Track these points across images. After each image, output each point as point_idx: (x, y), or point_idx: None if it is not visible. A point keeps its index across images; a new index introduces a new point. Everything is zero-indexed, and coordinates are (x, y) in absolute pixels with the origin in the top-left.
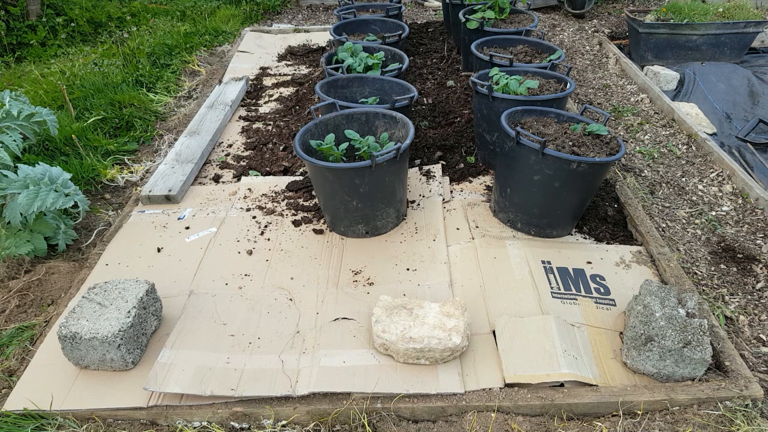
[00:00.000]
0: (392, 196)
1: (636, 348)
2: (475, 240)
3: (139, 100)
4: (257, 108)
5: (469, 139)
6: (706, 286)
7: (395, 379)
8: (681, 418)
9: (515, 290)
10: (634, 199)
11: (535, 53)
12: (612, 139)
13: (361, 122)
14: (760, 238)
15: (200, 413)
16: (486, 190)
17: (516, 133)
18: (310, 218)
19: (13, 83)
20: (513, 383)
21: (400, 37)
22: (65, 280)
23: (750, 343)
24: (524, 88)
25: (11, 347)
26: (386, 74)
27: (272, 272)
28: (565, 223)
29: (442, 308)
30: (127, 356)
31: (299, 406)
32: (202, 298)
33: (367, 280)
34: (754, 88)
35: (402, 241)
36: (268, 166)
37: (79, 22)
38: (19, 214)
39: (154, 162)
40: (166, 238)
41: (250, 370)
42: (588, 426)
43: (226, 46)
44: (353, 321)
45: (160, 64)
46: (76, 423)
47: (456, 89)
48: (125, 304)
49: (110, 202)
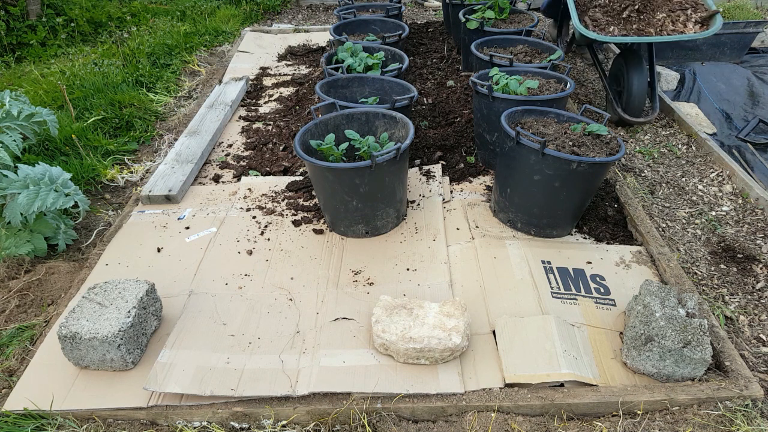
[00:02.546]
0: (392, 196)
1: (636, 348)
2: (475, 240)
3: (139, 100)
4: (257, 108)
5: (469, 139)
6: (706, 286)
7: (395, 379)
8: (681, 418)
9: (515, 290)
10: (634, 199)
11: (535, 53)
12: (612, 139)
13: (361, 122)
14: (760, 238)
15: (200, 413)
16: (486, 190)
17: (516, 133)
18: (310, 218)
19: (13, 83)
20: (513, 383)
21: (400, 37)
22: (65, 280)
23: (750, 343)
24: (524, 88)
25: (11, 347)
26: (386, 74)
27: (272, 272)
28: (565, 223)
29: (442, 308)
30: (127, 356)
31: (299, 406)
32: (202, 298)
33: (367, 280)
34: (754, 88)
35: (402, 241)
36: (268, 166)
37: (79, 22)
38: (19, 214)
39: (154, 162)
40: (166, 238)
41: (250, 370)
42: (588, 426)
43: (226, 46)
44: (353, 321)
45: (160, 64)
46: (76, 423)
47: (456, 89)
48: (125, 304)
49: (110, 202)
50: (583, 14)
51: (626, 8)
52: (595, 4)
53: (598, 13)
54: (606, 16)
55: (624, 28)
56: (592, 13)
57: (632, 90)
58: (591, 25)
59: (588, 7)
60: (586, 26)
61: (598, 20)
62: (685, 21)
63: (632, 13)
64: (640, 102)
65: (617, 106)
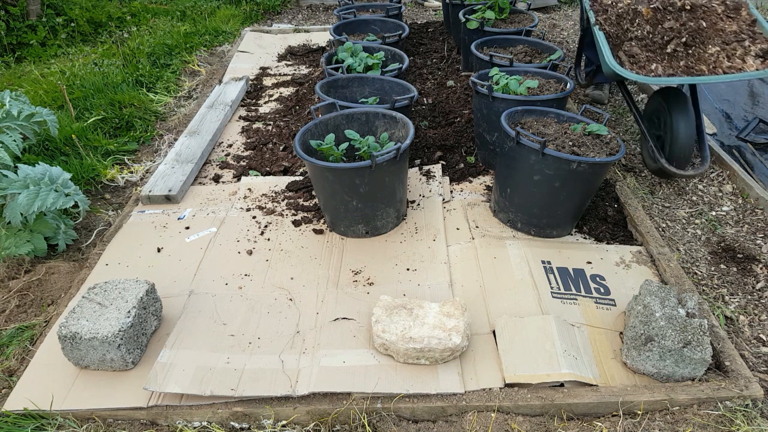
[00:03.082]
0: (392, 196)
1: (636, 348)
2: (475, 240)
3: (139, 100)
4: (257, 108)
5: (469, 139)
6: (706, 286)
7: (395, 379)
8: (681, 418)
9: (515, 290)
10: (634, 199)
11: (535, 53)
12: (612, 139)
13: (361, 122)
14: (760, 238)
15: (200, 413)
16: (486, 190)
17: (516, 133)
18: (310, 218)
19: (13, 83)
20: (513, 383)
21: (400, 37)
22: (65, 280)
23: (750, 343)
24: (524, 88)
25: (11, 347)
26: (386, 74)
27: (272, 272)
28: (565, 223)
29: (442, 308)
30: (127, 356)
31: (299, 406)
32: (202, 298)
33: (367, 280)
34: (754, 88)
35: (402, 241)
36: (268, 166)
37: (79, 22)
38: (19, 214)
39: (154, 162)
40: (166, 238)
41: (250, 370)
42: (588, 426)
43: (226, 46)
44: (353, 321)
45: (160, 64)
46: (76, 423)
47: (456, 89)
48: (125, 304)
49: (110, 202)
50: (616, 48)
51: (671, 41)
52: (630, 36)
53: (635, 47)
54: (646, 51)
55: (669, 66)
56: (627, 47)
57: (678, 137)
58: (627, 62)
59: (621, 39)
60: (621, 63)
61: (635, 56)
62: (743, 55)
63: (678, 47)
64: (689, 150)
65: (660, 156)
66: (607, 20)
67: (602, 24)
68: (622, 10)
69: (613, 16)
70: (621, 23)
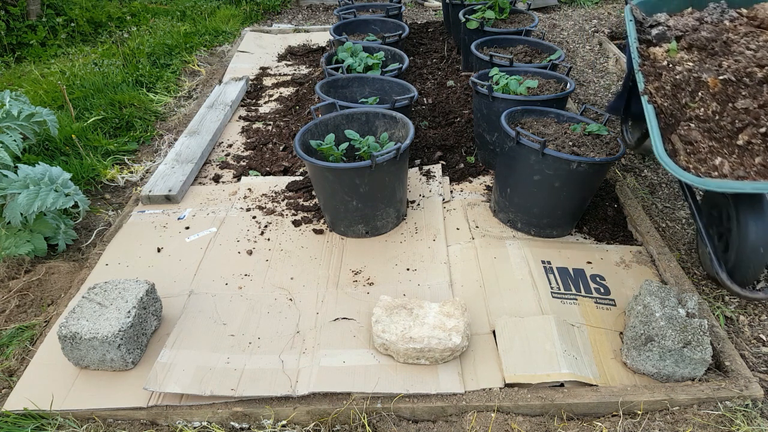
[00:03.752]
0: (392, 196)
1: (636, 348)
2: (475, 240)
3: (139, 100)
4: (257, 108)
5: (469, 139)
6: (706, 286)
7: (395, 379)
8: (681, 418)
9: (515, 290)
10: (634, 199)
11: (535, 53)
12: (612, 139)
13: (361, 122)
14: None
15: (200, 413)
16: (486, 190)
17: (516, 133)
18: (310, 218)
19: (13, 83)
20: (513, 383)
21: (400, 37)
22: (65, 280)
23: (750, 343)
24: (524, 88)
25: (11, 347)
26: (386, 74)
27: (272, 272)
28: (565, 223)
29: (442, 308)
30: (127, 356)
31: (299, 406)
32: (202, 298)
33: (367, 280)
34: None
35: (402, 241)
36: (268, 166)
37: (79, 22)
38: (19, 214)
39: (154, 162)
40: (166, 238)
41: (250, 370)
42: (588, 426)
43: (226, 46)
44: (353, 321)
45: (160, 64)
46: (76, 423)
47: (456, 89)
48: (125, 304)
49: (110, 202)
50: (670, 128)
51: (744, 128)
52: (690, 115)
53: (695, 130)
54: (709, 139)
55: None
56: (685, 129)
57: (746, 246)
58: (683, 151)
59: (678, 118)
60: (674, 152)
61: (694, 143)
62: None
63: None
64: (758, 265)
65: (719, 267)
66: (660, 90)
67: (653, 95)
68: (680, 77)
69: (668, 85)
70: (678, 95)
